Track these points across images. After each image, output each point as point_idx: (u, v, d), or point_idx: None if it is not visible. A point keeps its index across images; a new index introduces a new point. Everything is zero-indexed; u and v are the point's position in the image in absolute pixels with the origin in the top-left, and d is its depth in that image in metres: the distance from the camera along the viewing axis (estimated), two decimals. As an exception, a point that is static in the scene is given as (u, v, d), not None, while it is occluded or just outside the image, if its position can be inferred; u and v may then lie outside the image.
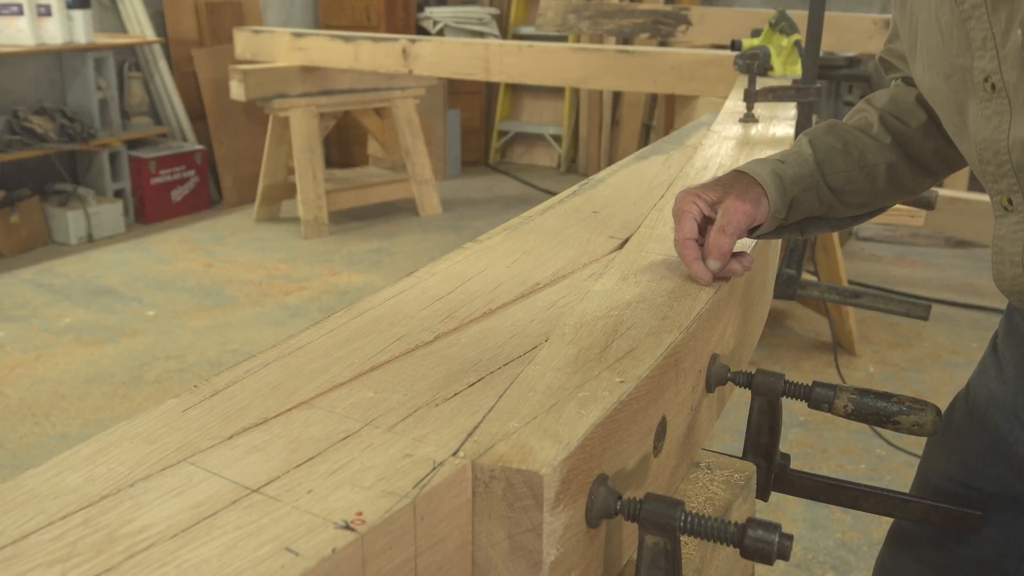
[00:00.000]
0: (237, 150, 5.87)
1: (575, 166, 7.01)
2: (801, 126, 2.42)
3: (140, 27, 5.51)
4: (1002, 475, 1.07)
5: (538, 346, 0.84)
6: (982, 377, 1.12)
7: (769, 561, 0.68)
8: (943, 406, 1.07)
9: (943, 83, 0.95)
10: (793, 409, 3.04)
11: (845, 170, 1.08)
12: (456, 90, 6.70)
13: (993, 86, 0.88)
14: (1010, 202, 0.92)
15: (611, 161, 6.25)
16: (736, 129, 2.00)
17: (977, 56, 0.89)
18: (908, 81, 1.16)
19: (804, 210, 1.07)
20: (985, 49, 0.88)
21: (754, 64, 2.20)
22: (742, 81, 2.53)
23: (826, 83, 5.38)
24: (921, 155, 1.12)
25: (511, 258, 1.10)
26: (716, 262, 0.97)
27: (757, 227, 1.03)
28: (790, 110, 2.34)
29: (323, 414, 0.70)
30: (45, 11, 4.82)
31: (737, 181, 1.02)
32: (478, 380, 0.76)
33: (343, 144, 6.60)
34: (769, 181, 1.02)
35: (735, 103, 2.32)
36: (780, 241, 1.47)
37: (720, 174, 1.09)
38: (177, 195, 5.55)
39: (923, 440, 1.17)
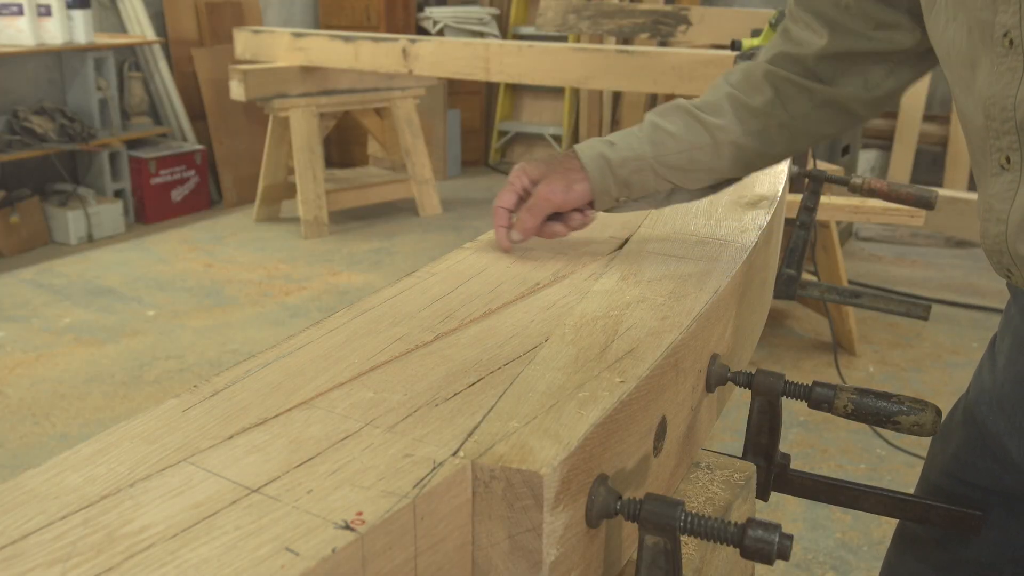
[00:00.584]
0: (237, 150, 5.87)
1: (575, 166, 7.00)
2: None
3: (140, 27, 5.51)
4: (990, 468, 1.07)
5: (538, 346, 0.84)
6: (979, 373, 1.12)
7: (769, 561, 0.68)
8: (943, 406, 1.07)
9: (964, 36, 0.95)
10: (793, 409, 3.04)
11: (683, 150, 1.11)
12: (456, 90, 6.70)
13: (1011, 41, 0.88)
14: (1008, 160, 0.92)
15: (611, 161, 6.24)
16: (736, 129, 1.99)
17: (1000, 10, 0.89)
18: (776, 60, 1.12)
19: (643, 188, 1.13)
20: (1009, 3, 0.88)
21: (754, 64, 2.20)
22: (742, 81, 2.53)
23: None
24: (764, 133, 1.12)
25: (511, 258, 1.10)
26: (518, 235, 1.11)
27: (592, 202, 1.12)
28: (790, 110, 2.33)
29: (323, 414, 0.70)
30: (45, 11, 4.82)
31: (562, 163, 1.11)
32: (478, 380, 0.76)
33: (343, 144, 6.60)
34: (591, 164, 1.10)
35: (735, 103, 2.31)
36: (780, 241, 1.48)
37: None
38: (177, 195, 5.55)
39: (924, 440, 1.18)
